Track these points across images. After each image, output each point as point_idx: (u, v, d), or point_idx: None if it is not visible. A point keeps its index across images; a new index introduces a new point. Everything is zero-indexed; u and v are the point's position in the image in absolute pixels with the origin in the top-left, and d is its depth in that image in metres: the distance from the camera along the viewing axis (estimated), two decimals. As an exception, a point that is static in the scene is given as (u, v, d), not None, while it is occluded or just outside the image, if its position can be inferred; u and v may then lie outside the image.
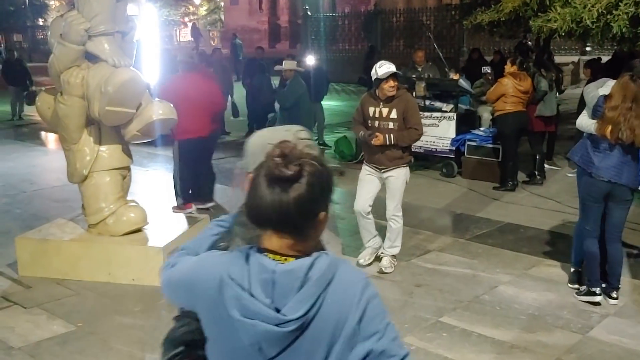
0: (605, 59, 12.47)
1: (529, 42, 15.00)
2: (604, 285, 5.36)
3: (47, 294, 5.56)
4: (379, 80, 5.65)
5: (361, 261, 6.04)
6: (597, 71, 8.95)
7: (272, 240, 1.62)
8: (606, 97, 5.05)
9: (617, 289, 5.32)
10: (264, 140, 1.93)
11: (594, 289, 5.27)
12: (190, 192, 7.85)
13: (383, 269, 5.90)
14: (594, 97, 5.26)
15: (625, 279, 5.78)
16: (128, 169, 6.19)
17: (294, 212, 1.56)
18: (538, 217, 7.58)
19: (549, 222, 7.35)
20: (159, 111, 5.71)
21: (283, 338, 1.58)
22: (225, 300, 1.60)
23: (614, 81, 5.22)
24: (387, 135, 5.70)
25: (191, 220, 6.47)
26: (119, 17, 5.84)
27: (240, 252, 1.65)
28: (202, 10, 50.99)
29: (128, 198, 6.22)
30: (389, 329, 1.67)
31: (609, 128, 4.94)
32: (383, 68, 5.65)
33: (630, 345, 4.60)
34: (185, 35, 54.07)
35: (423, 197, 8.55)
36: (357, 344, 1.63)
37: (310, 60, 12.39)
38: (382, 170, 5.86)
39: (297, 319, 1.56)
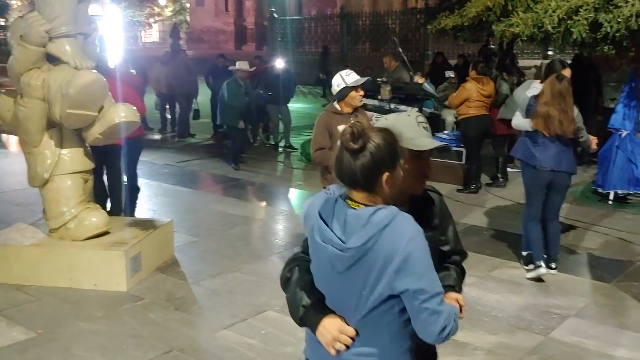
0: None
1: (492, 46, 15.19)
2: (545, 257, 5.93)
3: (6, 300, 5.44)
4: (348, 89, 5.28)
5: None
6: None
7: (353, 192, 2.20)
8: (537, 96, 5.73)
9: (556, 260, 5.99)
10: (389, 123, 2.41)
11: (537, 262, 5.87)
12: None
13: None
14: (524, 99, 5.97)
15: (586, 281, 5.90)
16: (90, 172, 6.09)
17: (360, 174, 2.14)
18: (501, 218, 7.68)
19: (512, 223, 7.43)
20: (121, 114, 5.64)
21: (345, 260, 2.16)
22: (314, 228, 2.25)
23: (539, 83, 6.11)
24: None
25: (154, 224, 6.40)
26: (81, 18, 5.76)
27: (333, 197, 2.26)
28: (168, 12, 50.55)
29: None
30: (427, 272, 2.14)
31: (542, 123, 5.64)
32: (352, 76, 5.32)
33: (591, 346, 4.68)
34: (150, 35, 53.59)
35: (388, 199, 8.59)
36: (399, 279, 2.12)
37: (279, 62, 12.38)
38: None
39: (353, 248, 2.13)
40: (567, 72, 5.99)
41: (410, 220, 2.16)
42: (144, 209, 8.03)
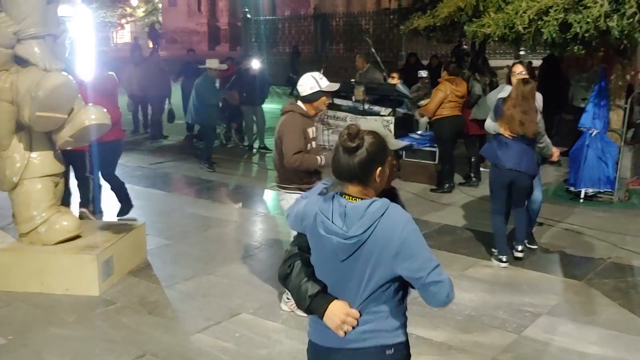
0: (537, 62, 12.84)
1: (465, 47, 15.28)
2: (515, 245, 6.35)
3: (-25, 306, 5.36)
4: (322, 94, 5.14)
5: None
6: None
7: (349, 188, 2.53)
8: (504, 99, 6.08)
9: (522, 243, 6.37)
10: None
11: (500, 257, 6.29)
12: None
13: None
14: (493, 101, 6.39)
15: (558, 278, 5.96)
16: (60, 175, 6.02)
17: (358, 169, 2.47)
18: (474, 218, 7.72)
19: (485, 222, 7.47)
20: (91, 116, 5.56)
21: (348, 248, 2.46)
22: (317, 224, 2.54)
23: (510, 87, 6.38)
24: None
25: (126, 227, 6.33)
26: (50, 19, 5.68)
27: (330, 195, 2.57)
28: (140, 12, 50.14)
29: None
30: (423, 251, 2.45)
31: (506, 124, 6.00)
32: (325, 80, 5.15)
33: (562, 344, 4.73)
34: (122, 36, 53.11)
35: (363, 200, 8.62)
36: (398, 262, 2.43)
37: (254, 63, 12.33)
38: None
39: (355, 236, 2.44)
40: (517, 68, 6.52)
41: (400, 209, 2.51)
42: (116, 212, 7.96)
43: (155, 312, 5.30)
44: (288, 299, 5.23)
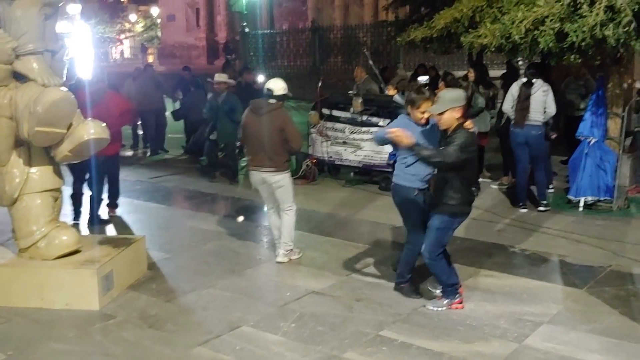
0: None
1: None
2: None
3: (-25, 322, 5.35)
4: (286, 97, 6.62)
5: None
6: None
7: None
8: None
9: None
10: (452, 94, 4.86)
11: None
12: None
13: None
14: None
15: (558, 287, 5.95)
16: (59, 190, 6.04)
17: None
18: (474, 228, 7.70)
19: (485, 233, 7.51)
20: (90, 130, 5.59)
21: None
22: None
23: None
24: None
25: (126, 242, 6.33)
26: (48, 35, 5.71)
27: None
28: (139, 27, 50.41)
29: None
30: None
31: None
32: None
33: (563, 352, 4.72)
34: (121, 52, 53.37)
35: (362, 211, 8.61)
36: None
37: (258, 77, 12.43)
38: None
39: None
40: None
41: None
42: (115, 226, 7.96)
43: (156, 325, 5.29)
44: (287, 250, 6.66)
